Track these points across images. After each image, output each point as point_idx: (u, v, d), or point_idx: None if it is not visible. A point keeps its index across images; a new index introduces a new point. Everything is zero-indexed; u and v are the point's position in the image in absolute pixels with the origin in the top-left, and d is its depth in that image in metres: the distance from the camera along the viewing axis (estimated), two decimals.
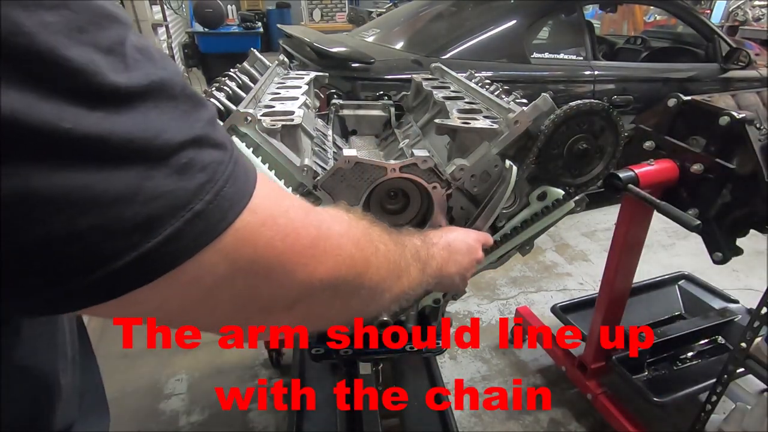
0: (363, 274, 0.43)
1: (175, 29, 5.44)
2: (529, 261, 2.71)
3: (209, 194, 0.29)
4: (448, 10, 3.01)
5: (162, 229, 0.27)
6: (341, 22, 9.50)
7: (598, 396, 1.63)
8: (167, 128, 0.28)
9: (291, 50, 2.78)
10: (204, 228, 0.29)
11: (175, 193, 0.27)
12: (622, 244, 1.44)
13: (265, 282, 0.34)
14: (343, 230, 0.42)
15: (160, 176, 0.27)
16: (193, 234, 0.28)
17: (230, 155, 0.32)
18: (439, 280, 0.64)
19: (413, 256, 0.55)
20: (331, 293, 0.41)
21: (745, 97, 1.37)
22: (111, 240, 0.25)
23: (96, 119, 0.24)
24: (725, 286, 2.08)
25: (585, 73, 2.71)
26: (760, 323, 1.12)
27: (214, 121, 0.32)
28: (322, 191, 0.82)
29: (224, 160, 0.31)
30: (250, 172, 0.34)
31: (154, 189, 0.26)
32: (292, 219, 0.36)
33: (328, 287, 0.40)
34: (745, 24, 6.76)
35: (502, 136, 0.84)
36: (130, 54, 0.27)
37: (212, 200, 0.29)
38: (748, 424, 1.31)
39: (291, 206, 0.37)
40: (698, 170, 1.17)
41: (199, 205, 0.28)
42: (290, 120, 0.82)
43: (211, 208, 0.29)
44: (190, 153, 0.28)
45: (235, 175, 0.31)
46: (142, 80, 0.27)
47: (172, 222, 0.27)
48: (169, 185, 0.27)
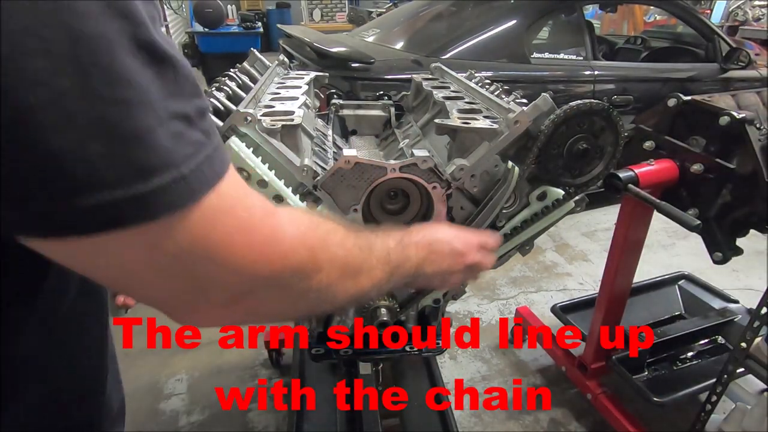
0: (312, 278, 0.45)
1: (175, 29, 5.44)
2: (529, 261, 2.70)
3: (193, 163, 0.32)
4: (448, 10, 3.01)
5: (153, 177, 0.30)
6: (341, 22, 9.50)
7: (598, 396, 1.63)
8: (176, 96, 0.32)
9: (291, 50, 2.78)
10: (182, 193, 0.32)
11: (170, 151, 0.31)
12: (622, 244, 1.44)
13: (215, 268, 0.36)
14: (298, 235, 0.44)
15: (163, 131, 0.30)
16: (173, 194, 0.31)
17: (212, 142, 0.35)
18: (414, 279, 0.65)
19: (381, 260, 0.57)
20: (278, 292, 0.43)
21: (745, 97, 1.37)
22: (110, 170, 0.28)
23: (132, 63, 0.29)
24: (725, 286, 2.08)
25: (585, 73, 2.71)
26: (760, 323, 1.12)
27: (206, 112, 0.36)
28: (322, 191, 0.82)
29: (207, 143, 0.34)
30: (225, 161, 0.37)
31: (157, 140, 0.30)
32: (251, 215, 0.38)
33: (274, 286, 0.42)
34: (745, 24, 6.76)
35: (502, 136, 0.84)
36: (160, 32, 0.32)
37: (195, 168, 0.32)
38: (748, 424, 1.31)
39: (253, 205, 0.39)
40: (698, 170, 1.17)
41: (184, 169, 0.32)
42: (290, 120, 0.82)
43: (193, 176, 0.32)
44: (184, 126, 0.32)
45: (212, 159, 0.34)
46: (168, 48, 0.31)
47: (162, 175, 0.30)
48: (167, 141, 0.31)
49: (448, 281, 0.72)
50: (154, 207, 0.30)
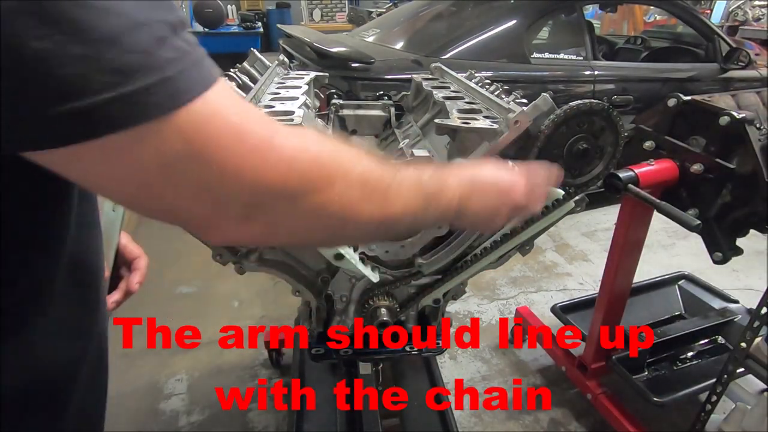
0: (324, 190, 0.43)
1: None
2: (529, 261, 2.70)
3: (178, 67, 0.33)
4: (448, 10, 3.01)
5: (136, 79, 0.30)
6: (341, 22, 9.50)
7: (598, 396, 1.63)
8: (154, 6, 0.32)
9: (291, 50, 2.78)
10: (170, 94, 0.32)
11: (152, 54, 0.31)
12: (622, 244, 1.44)
13: (216, 174, 0.36)
14: (302, 145, 0.42)
15: (143, 35, 0.31)
16: (160, 95, 0.31)
17: (198, 52, 0.35)
18: (458, 216, 0.58)
19: (413, 184, 0.51)
20: (288, 204, 0.41)
21: (745, 97, 1.37)
22: (93, 73, 0.28)
23: None
24: (725, 286, 2.08)
25: (585, 73, 2.71)
26: (760, 323, 1.12)
27: (185, 25, 0.36)
28: None
29: (192, 51, 0.35)
30: (214, 71, 0.37)
31: (137, 42, 0.30)
32: (244, 120, 0.38)
33: (280, 196, 0.40)
34: (745, 24, 6.76)
35: (502, 136, 0.84)
36: None
37: (181, 72, 0.33)
38: (748, 424, 1.31)
39: (247, 111, 0.39)
40: (698, 170, 1.17)
41: (169, 72, 0.32)
42: (290, 120, 0.82)
43: (179, 79, 0.32)
44: (167, 31, 0.32)
45: (200, 65, 0.35)
46: None
47: (146, 76, 0.30)
48: (148, 45, 0.31)
49: (494, 223, 0.64)
50: (143, 107, 0.31)
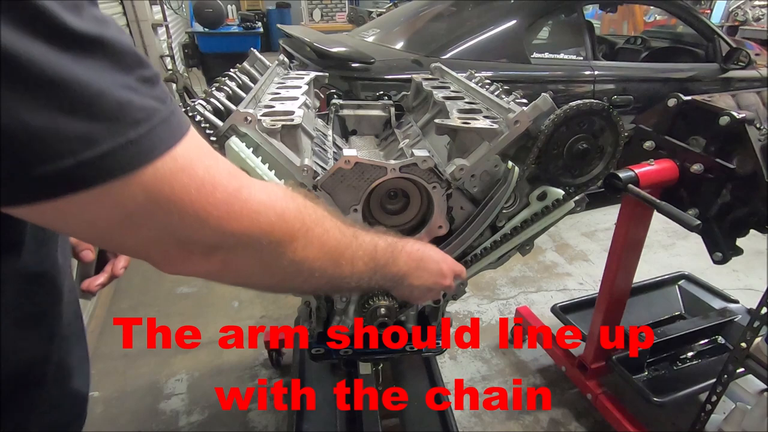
0: (284, 245, 0.47)
1: (175, 29, 5.44)
2: (529, 261, 2.70)
3: (144, 127, 0.35)
4: (448, 10, 3.01)
5: (99, 145, 0.32)
6: (341, 22, 9.50)
7: (598, 396, 1.63)
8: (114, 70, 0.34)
9: (291, 50, 2.78)
10: (133, 155, 0.34)
11: (116, 118, 0.33)
12: (622, 244, 1.44)
13: (180, 221, 0.39)
14: (268, 201, 0.45)
15: (107, 101, 0.33)
16: (123, 157, 0.34)
17: (167, 108, 0.37)
18: (396, 285, 0.68)
19: (366, 253, 0.59)
20: (249, 251, 0.45)
21: (745, 97, 1.37)
22: (56, 142, 0.31)
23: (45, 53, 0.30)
24: (725, 286, 2.08)
25: (585, 73, 2.71)
26: (760, 323, 1.12)
27: (154, 79, 0.37)
28: (322, 191, 0.82)
29: (160, 108, 0.36)
30: (183, 126, 0.39)
31: (101, 109, 0.32)
32: (212, 175, 0.40)
33: (242, 244, 0.44)
34: (745, 24, 6.76)
35: (502, 136, 0.84)
36: (88, 13, 0.33)
37: (147, 131, 0.35)
38: (748, 424, 1.31)
39: (215, 164, 0.41)
40: (698, 170, 1.17)
41: (133, 134, 0.34)
42: (290, 120, 0.82)
43: (144, 139, 0.35)
44: (130, 94, 0.34)
45: (168, 122, 0.37)
46: (94, 30, 0.33)
47: (109, 141, 0.33)
48: (113, 110, 0.33)
49: (424, 297, 0.76)
50: (104, 170, 0.33)
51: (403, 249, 0.67)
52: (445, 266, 0.75)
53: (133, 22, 3.94)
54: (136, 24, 3.96)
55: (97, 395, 1.79)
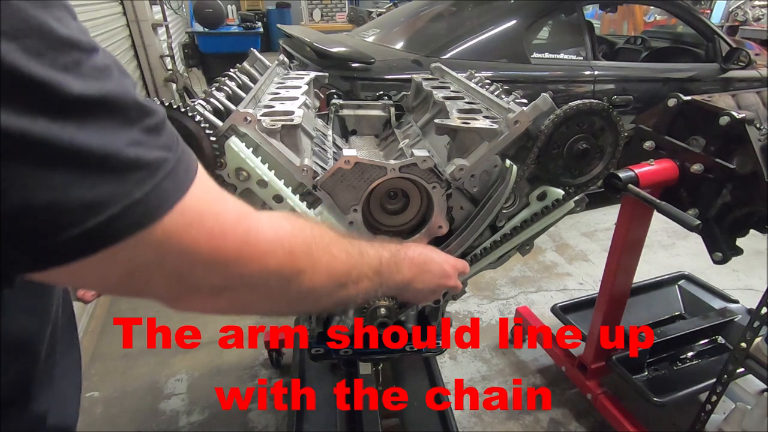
0: (293, 280, 0.47)
1: (175, 29, 5.44)
2: (529, 261, 2.70)
3: (149, 185, 0.34)
4: (448, 10, 3.01)
5: (104, 211, 0.32)
6: (341, 22, 9.50)
7: (598, 396, 1.63)
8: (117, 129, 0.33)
9: (291, 50, 2.78)
10: (137, 216, 0.34)
11: (120, 182, 0.33)
12: (622, 244, 1.44)
13: (189, 270, 0.39)
14: (276, 238, 0.45)
15: (108, 166, 0.32)
16: (131, 219, 0.34)
17: (174, 155, 0.37)
18: (401, 292, 0.70)
19: (371, 269, 0.60)
20: (258, 289, 0.46)
21: (745, 97, 1.37)
22: (61, 215, 0.31)
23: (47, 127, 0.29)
24: (725, 286, 2.08)
25: (585, 73, 2.71)
26: (760, 323, 1.12)
27: (160, 126, 0.37)
28: (322, 191, 0.82)
29: (167, 158, 0.36)
30: (191, 172, 0.39)
31: (102, 175, 0.32)
32: (220, 223, 0.40)
33: (253, 285, 0.45)
34: (745, 24, 6.76)
35: (502, 136, 0.84)
36: (88, 67, 0.32)
37: (152, 189, 0.34)
38: (748, 424, 1.31)
39: (223, 210, 0.41)
40: (698, 170, 1.17)
41: (138, 194, 0.34)
42: (290, 120, 0.82)
43: (149, 197, 0.34)
44: (135, 150, 0.34)
45: (175, 173, 0.36)
46: (94, 90, 0.32)
47: (113, 206, 0.32)
48: (115, 174, 0.32)
49: (428, 298, 0.78)
50: (111, 235, 0.33)
51: (405, 256, 0.68)
52: (448, 266, 0.76)
53: (133, 22, 3.94)
54: (136, 24, 3.96)
55: (97, 395, 1.79)
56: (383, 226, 0.89)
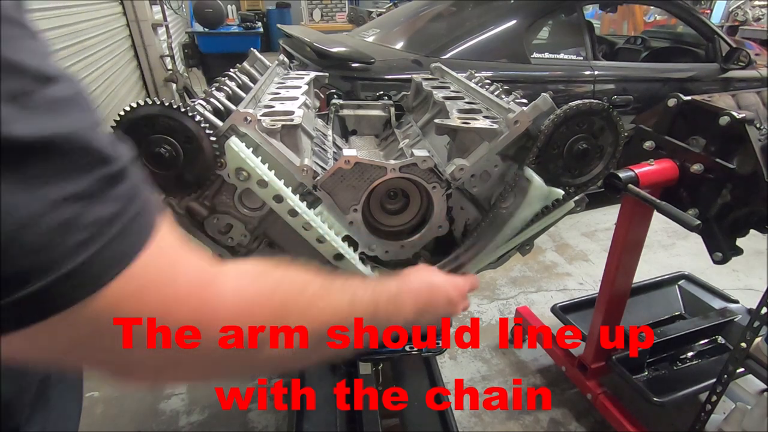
0: (259, 350, 0.41)
1: (175, 29, 5.44)
2: (529, 261, 2.70)
3: (84, 256, 0.28)
4: (448, 10, 3.01)
5: (27, 286, 0.27)
6: (341, 22, 9.51)
7: (598, 396, 1.63)
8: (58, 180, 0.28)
9: (291, 50, 2.78)
10: (71, 288, 0.29)
11: (52, 247, 0.27)
12: (622, 244, 1.44)
13: (133, 347, 0.34)
14: (242, 305, 0.40)
15: (41, 228, 0.27)
16: (59, 293, 0.28)
17: (133, 208, 0.31)
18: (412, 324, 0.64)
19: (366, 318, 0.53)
20: (216, 363, 0.41)
21: (745, 97, 1.37)
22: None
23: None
24: (725, 286, 2.08)
25: (585, 73, 2.71)
26: (760, 323, 1.12)
27: (119, 175, 0.31)
28: (322, 191, 0.82)
29: (119, 214, 0.30)
30: (146, 230, 0.33)
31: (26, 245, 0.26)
32: (172, 293, 0.35)
33: (209, 360, 0.39)
34: (745, 24, 6.76)
35: (501, 136, 0.84)
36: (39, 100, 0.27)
37: (87, 262, 0.29)
38: (748, 424, 1.31)
39: (180, 275, 0.36)
40: (698, 170, 1.17)
41: (77, 260, 0.28)
42: (290, 120, 0.82)
43: (84, 270, 0.29)
44: (76, 208, 0.28)
45: (124, 235, 0.31)
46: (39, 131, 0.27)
47: (39, 279, 0.27)
48: (47, 239, 0.27)
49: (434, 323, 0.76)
50: (33, 312, 0.28)
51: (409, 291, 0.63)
52: (454, 293, 0.73)
53: (133, 22, 3.95)
54: (136, 24, 3.96)
55: (97, 395, 1.79)
56: (383, 226, 0.90)
